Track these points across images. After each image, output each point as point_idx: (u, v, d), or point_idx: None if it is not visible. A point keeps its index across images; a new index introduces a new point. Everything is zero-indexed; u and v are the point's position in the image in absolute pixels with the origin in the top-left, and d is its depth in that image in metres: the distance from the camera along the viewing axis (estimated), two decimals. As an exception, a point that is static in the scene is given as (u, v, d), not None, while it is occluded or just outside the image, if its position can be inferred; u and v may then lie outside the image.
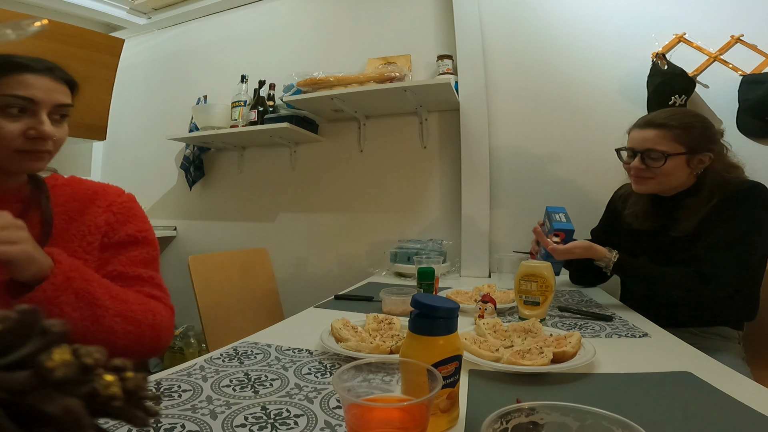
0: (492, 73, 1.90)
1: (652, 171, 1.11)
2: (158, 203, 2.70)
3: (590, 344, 0.74)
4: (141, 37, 2.77)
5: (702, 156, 1.10)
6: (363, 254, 2.13)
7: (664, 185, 1.14)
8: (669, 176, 1.11)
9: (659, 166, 1.10)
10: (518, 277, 1.03)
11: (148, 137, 2.71)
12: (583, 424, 0.37)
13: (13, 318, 0.20)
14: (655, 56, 1.64)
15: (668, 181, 1.12)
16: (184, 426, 0.52)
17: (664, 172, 1.10)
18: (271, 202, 2.36)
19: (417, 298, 0.51)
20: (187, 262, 1.39)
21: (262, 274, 1.71)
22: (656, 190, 1.17)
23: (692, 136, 1.09)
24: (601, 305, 1.17)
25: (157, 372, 0.68)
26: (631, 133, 1.17)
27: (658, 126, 1.10)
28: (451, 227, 1.95)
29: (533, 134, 1.86)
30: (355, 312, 1.05)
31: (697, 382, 0.64)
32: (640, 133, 1.13)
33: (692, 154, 1.09)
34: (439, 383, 0.42)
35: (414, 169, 2.06)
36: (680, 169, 1.11)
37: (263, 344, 0.83)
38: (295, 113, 2.05)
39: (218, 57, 2.52)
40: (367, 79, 1.81)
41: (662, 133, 1.09)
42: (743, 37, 1.57)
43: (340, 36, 2.22)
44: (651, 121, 1.13)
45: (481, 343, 0.75)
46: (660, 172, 1.11)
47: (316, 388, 0.63)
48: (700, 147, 1.09)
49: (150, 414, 0.23)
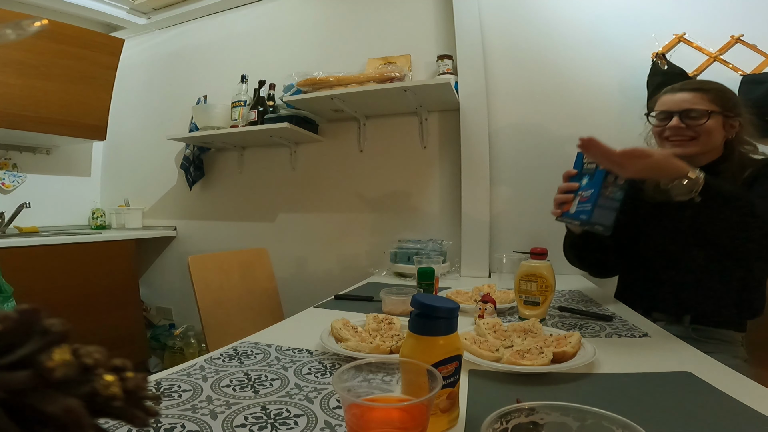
0: (492, 73, 1.90)
1: (695, 130, 1.09)
2: (158, 203, 2.70)
3: (590, 344, 0.74)
4: (141, 37, 2.77)
5: (733, 121, 1.10)
6: (363, 254, 2.13)
7: (707, 146, 1.10)
8: (710, 136, 1.09)
9: (701, 124, 1.07)
10: (518, 277, 1.03)
11: (148, 137, 2.71)
12: (583, 424, 0.37)
13: (13, 318, 0.20)
14: (655, 56, 1.64)
15: (710, 141, 1.09)
16: (184, 426, 0.52)
17: (707, 131, 1.08)
18: (271, 202, 2.36)
19: (417, 298, 0.51)
20: (187, 262, 1.39)
21: (262, 274, 1.71)
22: (699, 152, 1.11)
23: (726, 98, 1.10)
24: (601, 305, 1.17)
25: (157, 372, 0.68)
26: (663, 98, 1.15)
27: (694, 89, 1.11)
28: (451, 227, 1.96)
29: (533, 134, 1.86)
30: (355, 312, 1.05)
31: (697, 382, 0.64)
32: (675, 96, 1.12)
33: (727, 117, 1.09)
34: (439, 383, 0.42)
35: (414, 169, 2.06)
36: (718, 131, 1.09)
37: (263, 344, 0.83)
38: (295, 113, 2.05)
39: (218, 57, 2.52)
40: (367, 79, 1.81)
41: (699, 94, 1.09)
42: (743, 37, 1.57)
43: (340, 36, 2.22)
44: (685, 85, 1.13)
45: (481, 343, 0.75)
46: (703, 131, 1.08)
47: (316, 388, 0.63)
48: (733, 110, 1.10)
49: (150, 414, 0.23)
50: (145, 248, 2.64)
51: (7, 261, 1.72)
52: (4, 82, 2.02)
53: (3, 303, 1.41)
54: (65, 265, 2.07)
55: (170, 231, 2.62)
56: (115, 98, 2.48)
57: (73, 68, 2.23)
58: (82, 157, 2.80)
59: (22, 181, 2.48)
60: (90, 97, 2.36)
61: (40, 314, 0.21)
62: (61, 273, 2.05)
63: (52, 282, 2.01)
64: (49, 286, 1.98)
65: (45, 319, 0.21)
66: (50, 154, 2.62)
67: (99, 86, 2.39)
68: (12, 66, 2.03)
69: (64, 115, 2.25)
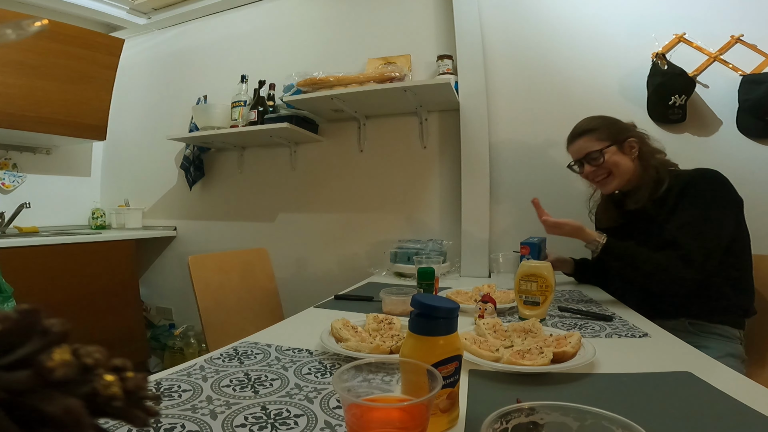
0: (492, 73, 1.90)
1: (603, 168, 1.25)
2: (158, 203, 2.70)
3: (590, 344, 0.74)
4: (141, 37, 2.77)
5: (629, 142, 1.23)
6: (363, 254, 2.13)
7: (624, 174, 1.24)
8: (619, 166, 1.23)
9: (602, 163, 1.23)
10: (518, 277, 1.03)
11: (148, 137, 2.71)
12: (583, 424, 0.37)
13: (13, 318, 0.20)
14: (655, 56, 1.64)
15: (622, 170, 1.23)
16: (184, 426, 0.52)
17: (613, 164, 1.23)
18: (271, 202, 2.36)
19: (417, 298, 0.51)
20: (187, 262, 1.39)
21: (262, 274, 1.71)
22: (620, 185, 1.26)
23: (609, 128, 1.25)
24: (601, 305, 1.17)
25: (157, 372, 0.68)
26: (569, 149, 1.33)
27: (580, 135, 1.28)
28: (451, 227, 1.95)
29: (533, 134, 1.87)
30: (355, 312, 1.05)
31: (697, 382, 0.64)
32: (574, 146, 1.30)
33: (619, 143, 1.23)
34: (439, 383, 0.42)
35: (414, 169, 2.06)
36: (620, 158, 1.23)
37: (263, 344, 0.83)
38: (295, 113, 2.05)
39: (218, 57, 2.52)
40: (367, 79, 1.81)
41: (588, 137, 1.26)
42: (743, 37, 1.57)
43: (340, 36, 2.22)
44: (574, 134, 1.30)
45: (481, 343, 0.75)
46: (610, 165, 1.23)
47: (316, 388, 0.63)
48: (620, 135, 1.24)
49: (150, 414, 0.23)
50: (145, 248, 2.64)
51: (7, 261, 1.72)
52: (4, 82, 2.02)
53: (3, 303, 1.41)
54: (65, 265, 2.07)
55: (170, 231, 2.62)
56: (115, 98, 2.48)
57: (73, 68, 2.23)
58: (82, 157, 2.80)
59: (22, 181, 2.48)
60: (90, 97, 2.36)
61: (40, 314, 0.21)
62: (61, 273, 2.05)
63: (52, 282, 2.00)
64: (49, 286, 1.98)
65: (45, 319, 0.21)
66: (50, 154, 2.62)
67: (99, 86, 2.39)
68: (12, 66, 2.03)
69: (64, 115, 2.25)
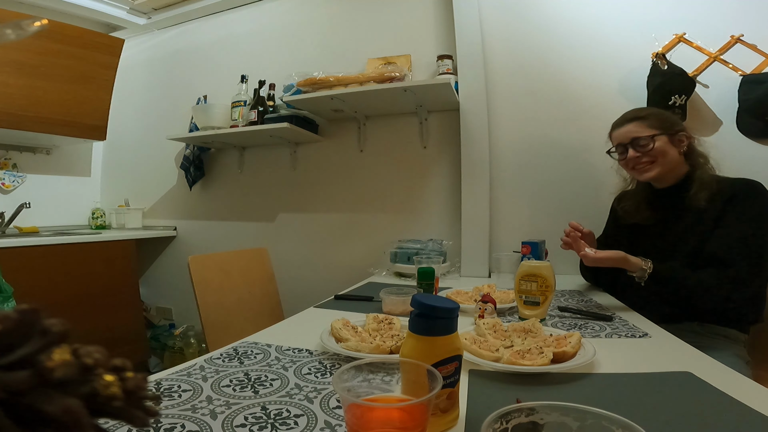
0: (492, 73, 1.90)
1: (649, 155, 1.21)
2: (158, 203, 2.70)
3: (590, 344, 0.74)
4: (141, 37, 2.77)
5: (679, 136, 1.21)
6: (363, 254, 2.13)
7: (668, 164, 1.21)
8: (665, 155, 1.20)
9: (651, 149, 1.20)
10: (518, 277, 1.03)
11: (148, 137, 2.71)
12: (583, 424, 0.37)
13: (13, 318, 0.20)
14: (655, 56, 1.64)
15: (668, 160, 1.21)
16: (184, 426, 0.52)
17: (660, 152, 1.20)
18: (271, 202, 2.36)
19: (417, 298, 0.51)
20: (187, 262, 1.39)
21: (262, 274, 1.71)
22: (663, 172, 1.23)
23: (663, 119, 1.23)
24: (601, 305, 1.17)
25: (157, 372, 0.68)
26: (614, 134, 1.30)
27: (632, 120, 1.25)
28: (451, 227, 1.95)
29: (533, 134, 1.86)
30: (355, 312, 1.05)
31: (697, 382, 0.64)
32: (621, 129, 1.27)
33: (670, 135, 1.21)
34: (439, 383, 0.42)
35: (414, 169, 2.06)
36: (669, 148, 1.21)
37: (263, 344, 0.83)
38: (295, 113, 2.05)
39: (218, 57, 2.52)
40: (367, 79, 1.81)
41: (638, 122, 1.23)
42: (743, 37, 1.57)
43: (340, 36, 2.21)
44: (624, 119, 1.28)
45: (481, 343, 0.75)
46: (656, 153, 1.20)
47: (316, 388, 0.63)
48: (673, 127, 1.22)
49: (150, 414, 0.23)
50: (145, 248, 2.64)
51: (7, 261, 1.72)
52: (4, 82, 2.02)
53: (3, 303, 1.41)
54: (65, 265, 2.07)
55: (170, 231, 2.62)
56: (115, 98, 2.48)
57: (73, 68, 2.23)
58: (82, 157, 2.80)
59: (22, 181, 2.48)
60: (90, 97, 2.36)
61: (40, 314, 0.21)
62: (61, 273, 2.05)
63: (52, 282, 2.00)
64: (49, 286, 1.98)
65: (45, 319, 0.21)
66: (50, 154, 2.62)
67: (99, 86, 2.39)
68: (12, 66, 2.03)
69: (64, 115, 2.25)
